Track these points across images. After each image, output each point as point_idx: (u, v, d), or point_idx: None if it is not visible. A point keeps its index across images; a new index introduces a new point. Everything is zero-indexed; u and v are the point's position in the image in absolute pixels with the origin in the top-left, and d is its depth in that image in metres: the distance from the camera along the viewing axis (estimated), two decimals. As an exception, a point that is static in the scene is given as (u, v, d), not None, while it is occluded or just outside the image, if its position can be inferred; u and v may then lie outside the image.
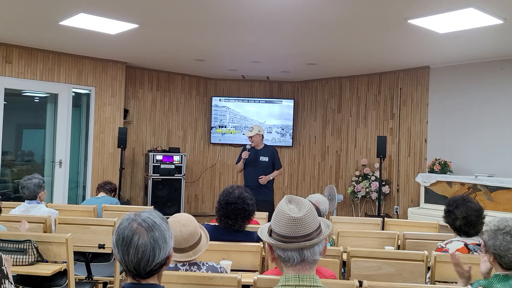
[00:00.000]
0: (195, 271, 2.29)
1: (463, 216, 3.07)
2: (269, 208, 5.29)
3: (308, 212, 1.62)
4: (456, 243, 3.09)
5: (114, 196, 5.24)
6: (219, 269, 2.36)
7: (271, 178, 5.82)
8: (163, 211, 2.43)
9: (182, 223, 2.28)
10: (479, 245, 3.07)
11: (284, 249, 1.60)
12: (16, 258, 2.95)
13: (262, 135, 5.95)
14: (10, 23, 5.59)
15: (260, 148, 5.91)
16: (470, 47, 5.94)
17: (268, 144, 6.09)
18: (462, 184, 6.23)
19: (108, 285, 4.16)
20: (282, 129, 8.97)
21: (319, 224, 1.65)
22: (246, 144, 5.96)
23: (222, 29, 5.47)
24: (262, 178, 5.73)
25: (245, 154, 5.80)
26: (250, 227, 3.21)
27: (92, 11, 4.90)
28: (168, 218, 2.36)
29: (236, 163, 6.06)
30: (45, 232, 3.61)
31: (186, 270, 2.30)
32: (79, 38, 6.18)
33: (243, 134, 5.93)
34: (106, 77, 7.66)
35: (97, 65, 7.54)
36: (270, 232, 1.67)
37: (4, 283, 2.25)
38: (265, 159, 5.84)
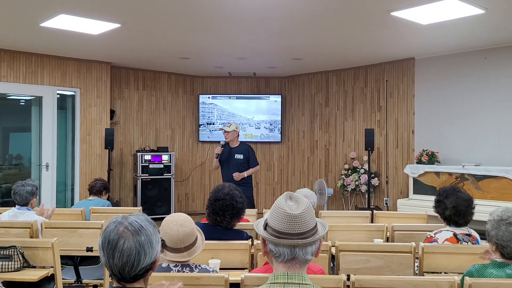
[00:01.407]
0: (187, 272, 2.28)
1: (453, 206, 3.09)
2: (249, 205, 5.29)
3: (306, 211, 1.61)
4: (445, 232, 3.11)
5: (106, 193, 5.17)
6: (211, 273, 2.35)
7: (246, 175, 5.80)
8: (153, 211, 2.41)
9: (179, 223, 2.26)
10: (468, 235, 3.09)
11: (277, 244, 1.60)
12: (2, 265, 2.92)
13: (238, 133, 5.96)
14: (-10, 26, 5.51)
15: (235, 146, 5.91)
16: (453, 38, 5.97)
17: (254, 140, 6.10)
18: (450, 174, 6.28)
19: (98, 288, 4.13)
20: (271, 124, 8.96)
21: (316, 224, 1.65)
22: (220, 141, 5.95)
23: (205, 25, 5.43)
24: (235, 174, 5.72)
25: (218, 149, 5.80)
26: (240, 224, 3.21)
27: (72, 12, 4.84)
28: (165, 216, 2.35)
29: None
30: (31, 237, 3.57)
31: (178, 271, 2.28)
32: (62, 39, 6.11)
33: (219, 129, 5.92)
34: (91, 78, 7.58)
35: (81, 66, 7.46)
36: (266, 226, 1.66)
37: None
38: (240, 156, 5.84)
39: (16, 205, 3.97)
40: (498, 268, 2.26)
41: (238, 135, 5.98)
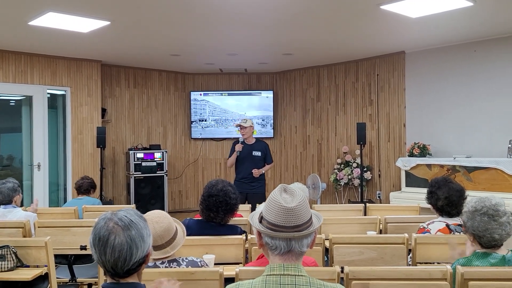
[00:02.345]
0: (175, 267, 2.28)
1: (445, 197, 3.12)
2: (262, 200, 5.34)
3: (301, 204, 1.62)
4: (438, 223, 3.14)
5: (94, 191, 5.16)
6: (199, 263, 2.35)
7: (263, 172, 5.89)
8: (147, 209, 2.41)
9: (154, 220, 2.26)
10: (460, 225, 3.12)
11: (273, 237, 1.61)
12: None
13: (253, 129, 5.99)
14: (-23, 26, 5.46)
15: (252, 142, 5.92)
16: (443, 31, 6.00)
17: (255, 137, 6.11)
18: (442, 166, 6.32)
19: (93, 286, 4.12)
20: (263, 120, 8.97)
21: (310, 216, 1.66)
22: (238, 139, 5.95)
23: (196, 22, 5.42)
24: (255, 171, 5.76)
25: (239, 147, 5.79)
26: (233, 220, 3.21)
27: (60, 10, 4.80)
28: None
29: (228, 158, 6.00)
30: (24, 236, 3.55)
31: (166, 267, 2.28)
32: (51, 38, 6.06)
33: (235, 125, 5.93)
34: (81, 77, 7.54)
35: (71, 65, 7.41)
36: (261, 219, 1.67)
37: None
38: (258, 153, 5.88)
39: (0, 205, 3.93)
40: (482, 258, 2.28)
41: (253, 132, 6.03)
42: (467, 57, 6.56)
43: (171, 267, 2.28)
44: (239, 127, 5.90)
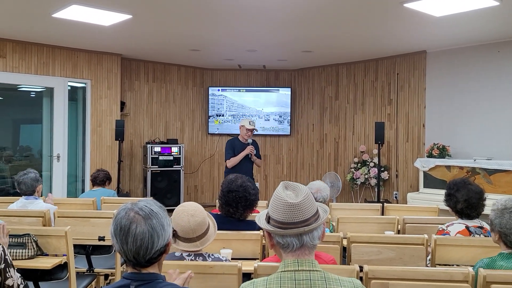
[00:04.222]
0: (200, 261, 2.29)
1: (465, 199, 3.07)
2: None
3: (306, 198, 1.61)
4: (457, 225, 3.10)
5: (110, 183, 5.20)
6: (224, 262, 2.35)
7: (255, 158, 5.97)
8: (163, 202, 2.41)
9: (190, 213, 2.26)
10: (480, 227, 3.08)
11: (283, 235, 1.60)
12: (16, 252, 2.95)
13: None
14: (2, 17, 5.53)
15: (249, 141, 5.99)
16: (466, 30, 5.90)
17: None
18: (461, 168, 6.23)
19: (110, 277, 4.17)
20: (280, 116, 8.94)
21: (317, 209, 1.65)
22: (232, 137, 5.97)
23: (216, 17, 5.42)
24: (250, 147, 5.80)
25: (252, 149, 5.82)
26: (252, 216, 3.21)
27: (84, 3, 4.85)
28: (174, 208, 2.36)
29: (227, 159, 5.89)
30: (44, 226, 3.60)
31: (192, 260, 2.29)
32: (73, 31, 6.12)
33: (242, 126, 5.92)
34: (102, 70, 7.61)
35: (92, 58, 7.49)
36: (268, 219, 1.66)
37: (9, 271, 2.25)
38: (254, 151, 5.92)
39: (23, 196, 3.96)
40: (507, 259, 2.27)
41: None
42: (490, 57, 6.44)
43: (197, 260, 2.28)
44: (247, 130, 5.84)
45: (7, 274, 2.24)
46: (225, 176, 5.66)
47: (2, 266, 2.22)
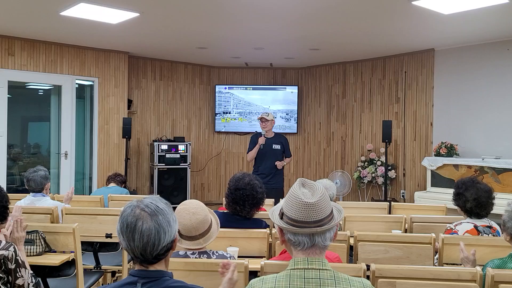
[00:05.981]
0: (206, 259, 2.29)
1: (474, 198, 3.05)
2: (280, 195, 5.32)
3: (321, 198, 1.60)
4: (465, 224, 3.08)
5: (124, 187, 5.25)
6: (229, 259, 2.35)
7: (285, 163, 5.90)
8: (169, 200, 2.40)
9: (191, 211, 2.25)
10: (489, 227, 3.05)
11: (295, 233, 1.59)
12: (24, 249, 2.96)
13: (274, 123, 5.94)
14: (11, 15, 5.57)
15: (271, 136, 5.87)
16: (475, 28, 5.85)
17: (275, 131, 6.06)
18: (469, 167, 6.19)
19: (117, 274, 4.19)
20: (287, 114, 8.93)
21: (331, 210, 1.64)
22: (256, 132, 5.91)
23: (223, 15, 5.41)
24: (278, 163, 5.75)
25: (262, 140, 5.73)
26: (258, 214, 3.21)
27: (92, 1, 4.87)
28: (176, 206, 2.36)
29: (248, 152, 5.93)
30: (52, 222, 3.62)
31: (196, 258, 2.29)
32: (81, 29, 6.15)
33: (258, 118, 5.90)
34: (109, 68, 7.63)
35: (100, 56, 7.52)
36: (282, 215, 1.65)
37: (20, 271, 2.27)
38: (278, 146, 5.83)
39: (31, 193, 3.98)
40: None
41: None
42: (500, 55, 6.38)
43: (201, 258, 2.28)
44: (260, 120, 5.85)
45: (17, 274, 2.26)
46: (253, 172, 5.73)
47: (13, 266, 2.24)
